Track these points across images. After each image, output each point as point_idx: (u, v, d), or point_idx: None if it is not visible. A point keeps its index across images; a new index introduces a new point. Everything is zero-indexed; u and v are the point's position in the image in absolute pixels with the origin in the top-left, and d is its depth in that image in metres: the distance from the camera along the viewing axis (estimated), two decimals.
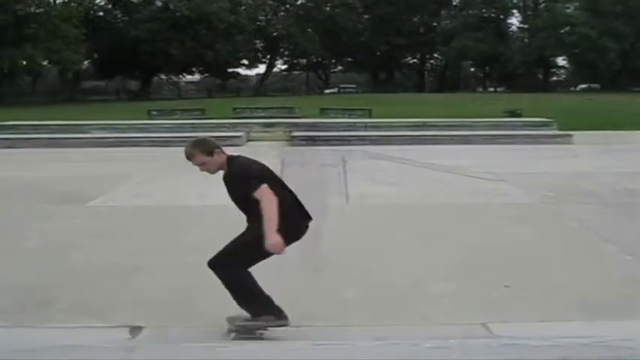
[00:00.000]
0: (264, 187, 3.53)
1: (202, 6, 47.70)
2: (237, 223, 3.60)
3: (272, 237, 3.47)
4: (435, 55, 70.97)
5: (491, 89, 68.57)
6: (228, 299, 4.28)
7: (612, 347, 3.18)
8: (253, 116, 19.42)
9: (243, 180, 3.62)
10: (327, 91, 58.64)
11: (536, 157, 11.82)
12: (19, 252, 5.49)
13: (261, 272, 4.84)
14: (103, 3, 51.34)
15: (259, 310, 3.70)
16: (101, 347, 3.38)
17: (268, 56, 64.49)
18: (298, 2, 60.24)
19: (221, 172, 3.84)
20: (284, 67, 68.91)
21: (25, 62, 38.75)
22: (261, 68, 65.97)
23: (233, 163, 3.73)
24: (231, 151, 3.95)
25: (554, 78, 70.63)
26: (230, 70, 61.69)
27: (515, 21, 65.94)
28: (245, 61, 62.28)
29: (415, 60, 72.23)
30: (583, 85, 59.50)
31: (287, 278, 4.72)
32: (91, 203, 7.65)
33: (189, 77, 68.17)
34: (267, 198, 3.50)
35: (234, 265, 3.73)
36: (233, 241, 3.84)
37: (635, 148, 12.65)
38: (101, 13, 51.81)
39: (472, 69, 75.02)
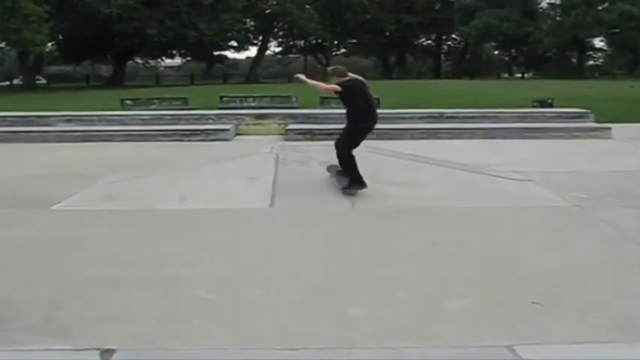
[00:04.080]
0: None
1: None
2: (224, 228, 3.58)
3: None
4: (453, 35, 71.02)
5: (518, 75, 68.68)
6: (213, 318, 4.29)
7: None
8: (243, 106, 19.42)
9: None
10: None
11: (569, 154, 11.83)
12: None
13: (254, 286, 4.87)
14: None
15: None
16: None
17: (260, 37, 64.52)
18: None
19: None
20: (278, 49, 69.03)
21: None
22: (253, 51, 66.07)
23: None
24: (218, 147, 3.95)
25: (591, 62, 70.68)
26: (216, 53, 61.73)
27: None
28: (233, 43, 62.33)
29: (430, 41, 72.31)
30: None
31: (283, 292, 4.73)
32: (55, 207, 7.66)
33: (168, 61, 68.29)
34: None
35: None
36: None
37: None
38: None
39: (496, 52, 75.08)
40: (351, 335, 4.06)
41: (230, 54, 66.51)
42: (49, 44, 50.06)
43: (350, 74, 8.12)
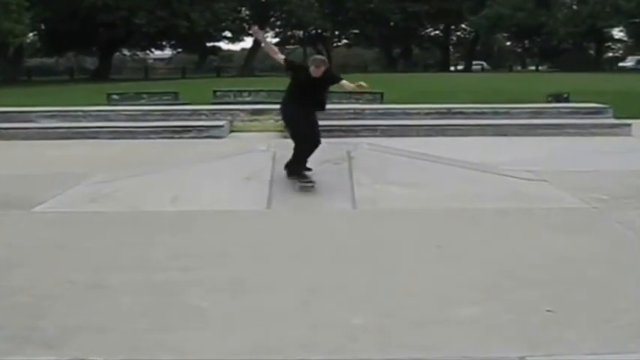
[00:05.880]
0: None
1: None
2: (218, 231, 3.56)
3: None
4: (463, 25, 71.04)
5: (532, 67, 68.69)
6: (205, 326, 4.30)
7: None
8: (238, 101, 19.41)
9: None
10: None
11: (585, 152, 11.85)
12: None
13: (250, 293, 4.88)
14: None
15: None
16: None
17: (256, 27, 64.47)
18: None
19: None
20: (276, 40, 68.99)
21: None
22: (248, 42, 66.08)
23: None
24: (211, 144, 3.97)
25: (609, 54, 70.71)
26: (209, 44, 61.77)
27: None
28: (228, 34, 62.36)
29: (438, 32, 72.31)
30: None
31: (280, 299, 4.74)
32: (37, 208, 7.67)
33: (158, 53, 68.34)
34: None
35: None
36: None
37: None
38: None
39: (508, 43, 75.13)
40: (353, 345, 4.07)
41: (224, 45, 66.61)
42: (30, 35, 50.04)
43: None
